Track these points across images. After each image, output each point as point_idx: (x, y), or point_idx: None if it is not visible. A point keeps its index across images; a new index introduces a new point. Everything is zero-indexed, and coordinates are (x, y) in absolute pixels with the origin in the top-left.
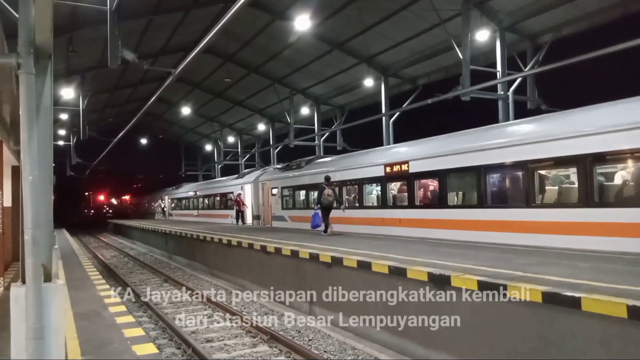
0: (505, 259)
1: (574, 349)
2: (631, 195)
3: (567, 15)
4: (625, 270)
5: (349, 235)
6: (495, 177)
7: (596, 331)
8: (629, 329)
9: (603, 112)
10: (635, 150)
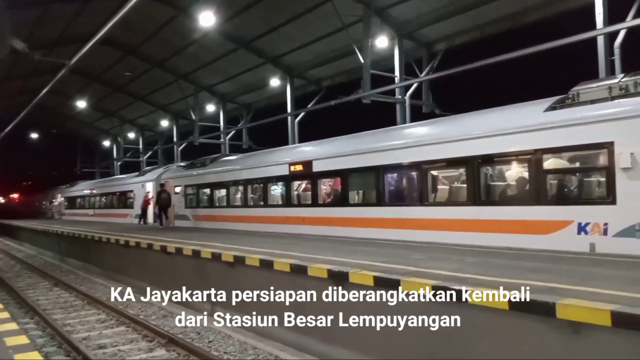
0: (401, 255)
1: (461, 340)
2: (514, 194)
3: (460, 26)
4: (508, 264)
5: (254, 233)
6: (392, 176)
7: (481, 322)
8: (511, 320)
9: (490, 117)
10: (518, 153)
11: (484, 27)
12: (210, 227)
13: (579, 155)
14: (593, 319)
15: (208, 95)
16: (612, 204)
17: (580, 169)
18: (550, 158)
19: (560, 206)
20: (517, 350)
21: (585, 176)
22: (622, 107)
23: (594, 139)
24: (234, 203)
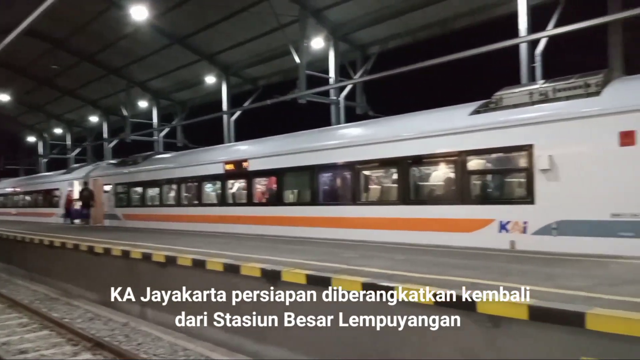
0: (334, 253)
1: (392, 336)
2: (441, 194)
3: (393, 30)
4: (435, 261)
5: (188, 233)
6: (327, 176)
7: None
8: (436, 315)
9: (420, 119)
10: (445, 154)
11: (416, 32)
12: (142, 226)
13: (501, 157)
14: (511, 313)
15: (141, 91)
16: (531, 203)
17: (502, 170)
18: (474, 159)
19: (483, 205)
20: (443, 345)
21: (506, 177)
22: (541, 111)
23: (515, 141)
24: (168, 202)
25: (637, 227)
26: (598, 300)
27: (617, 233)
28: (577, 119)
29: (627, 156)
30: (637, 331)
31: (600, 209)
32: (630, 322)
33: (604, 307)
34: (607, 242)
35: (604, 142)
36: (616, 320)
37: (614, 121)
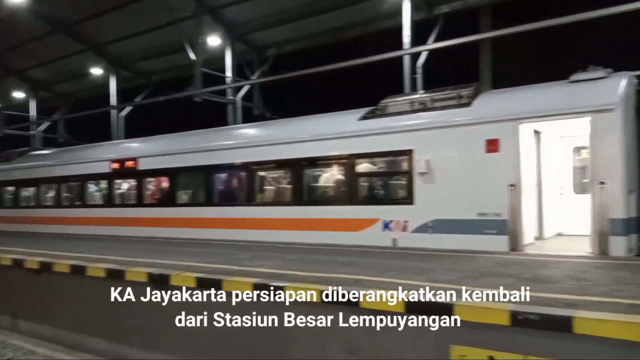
0: (227, 255)
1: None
2: (332, 195)
3: (288, 34)
4: (324, 260)
5: (68, 236)
6: (222, 176)
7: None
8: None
9: (314, 122)
10: (336, 157)
11: (310, 38)
12: (15, 230)
13: (386, 160)
14: (389, 306)
15: (17, 81)
16: (411, 204)
17: (386, 173)
18: (362, 162)
19: (369, 206)
20: (331, 340)
21: (390, 179)
22: (420, 119)
23: (398, 146)
24: (45, 203)
25: (499, 225)
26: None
27: (482, 230)
28: (451, 127)
29: (492, 162)
30: (496, 319)
31: (468, 209)
32: (491, 312)
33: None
34: (475, 239)
35: (473, 149)
36: (479, 310)
37: (481, 130)
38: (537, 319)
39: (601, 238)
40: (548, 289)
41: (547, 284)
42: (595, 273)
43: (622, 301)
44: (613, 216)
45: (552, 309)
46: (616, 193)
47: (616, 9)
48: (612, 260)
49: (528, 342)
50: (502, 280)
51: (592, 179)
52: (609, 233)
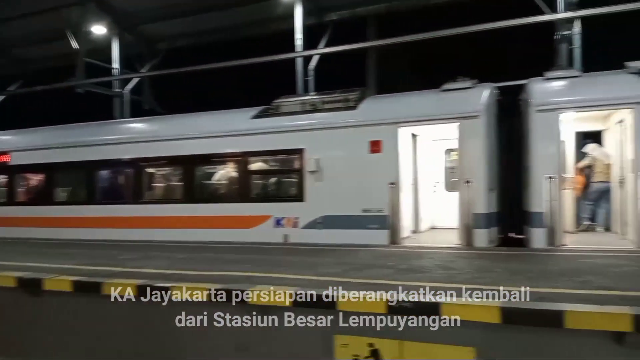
0: (111, 256)
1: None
2: (225, 192)
3: (181, 29)
4: (215, 258)
5: None
6: (107, 173)
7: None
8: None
9: (208, 119)
10: (229, 155)
11: (204, 34)
12: None
13: (277, 159)
14: (277, 301)
15: None
16: (302, 201)
17: (278, 171)
18: (254, 160)
19: (262, 203)
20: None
21: (282, 177)
22: (311, 120)
23: (290, 145)
24: None
25: (381, 220)
26: (347, 284)
27: (366, 225)
28: (338, 129)
29: (375, 161)
30: (374, 308)
31: (354, 205)
32: (367, 303)
33: (351, 290)
34: (360, 233)
35: (358, 149)
36: (359, 301)
37: (366, 132)
38: (411, 306)
39: (467, 231)
40: (420, 278)
41: (420, 273)
42: (461, 262)
43: (480, 287)
44: (477, 211)
45: (424, 295)
46: (479, 191)
47: (480, 26)
48: (476, 250)
49: (404, 328)
50: (382, 271)
51: (460, 178)
52: (473, 226)
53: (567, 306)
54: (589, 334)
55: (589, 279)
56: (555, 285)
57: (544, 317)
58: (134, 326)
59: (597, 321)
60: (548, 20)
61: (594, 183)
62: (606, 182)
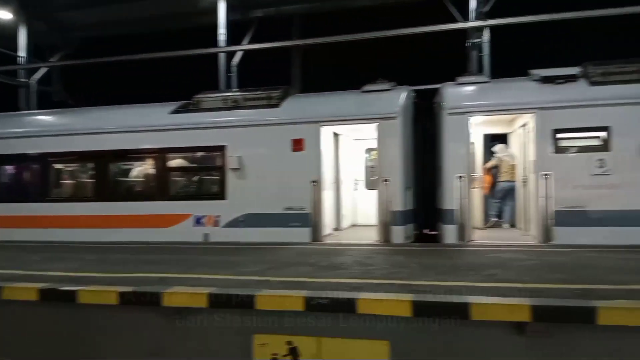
0: (13, 258)
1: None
2: (141, 190)
3: (98, 18)
4: (128, 259)
5: None
6: (9, 168)
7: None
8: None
9: (124, 113)
10: (146, 151)
11: (123, 25)
12: None
13: (198, 156)
14: (193, 302)
15: None
16: (223, 199)
17: (199, 168)
18: (173, 157)
19: (181, 201)
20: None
21: (202, 175)
22: (233, 116)
23: (210, 142)
24: None
25: (303, 218)
26: (266, 283)
27: (288, 223)
28: (261, 126)
29: (297, 160)
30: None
31: (277, 203)
32: (287, 299)
33: (270, 289)
34: (282, 232)
35: (281, 147)
36: (277, 298)
37: (288, 130)
38: (328, 302)
39: (385, 228)
40: (340, 275)
41: (339, 270)
42: (379, 258)
43: (396, 282)
44: (394, 209)
45: (340, 292)
46: (396, 189)
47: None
48: (393, 247)
49: (321, 325)
50: (302, 269)
51: (379, 177)
52: (391, 223)
53: (473, 299)
54: (493, 325)
55: (494, 272)
56: (463, 279)
57: (452, 310)
58: (42, 330)
59: (500, 312)
60: (460, 28)
61: (500, 182)
62: (511, 181)
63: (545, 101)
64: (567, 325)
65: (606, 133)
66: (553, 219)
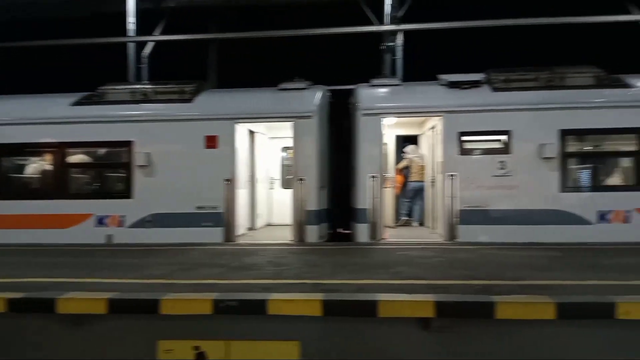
0: None
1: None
2: (37, 188)
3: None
4: (20, 262)
5: None
6: None
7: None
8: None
9: (15, 104)
10: (43, 145)
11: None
12: None
13: (102, 151)
14: (92, 308)
15: None
16: (129, 197)
17: (102, 165)
18: (73, 152)
19: (81, 200)
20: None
21: (106, 171)
22: (141, 110)
23: (116, 137)
24: None
25: (215, 217)
26: (172, 286)
27: (200, 223)
28: (172, 121)
29: (211, 157)
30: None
31: (188, 202)
32: (194, 303)
33: (176, 292)
34: (193, 232)
35: (193, 144)
36: (183, 302)
37: (201, 126)
38: (237, 304)
39: (299, 227)
40: (251, 275)
41: (251, 270)
42: (292, 258)
43: (307, 281)
44: (308, 208)
45: (250, 294)
46: (311, 188)
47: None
48: (307, 246)
49: (230, 328)
50: (213, 270)
51: (295, 176)
52: (305, 223)
53: (381, 296)
54: (400, 321)
55: (402, 269)
56: (373, 277)
57: (361, 308)
58: None
59: (406, 309)
60: (374, 31)
61: (410, 182)
62: (421, 181)
63: (451, 105)
64: (469, 320)
65: (507, 136)
66: (458, 218)
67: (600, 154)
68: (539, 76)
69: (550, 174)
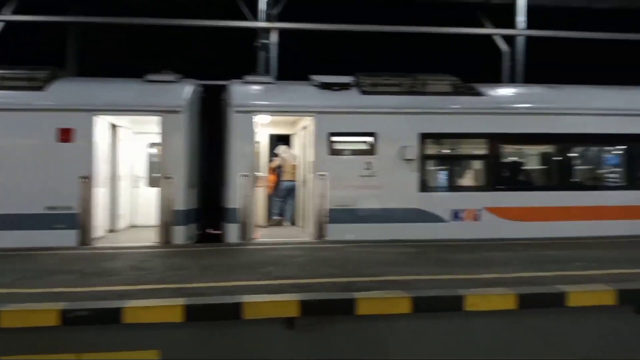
0: None
1: None
2: None
3: None
4: None
5: None
6: None
7: None
8: None
9: None
10: None
11: None
12: None
13: None
14: None
15: None
16: None
17: None
18: None
19: None
20: None
21: None
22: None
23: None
24: None
25: (69, 219)
26: (14, 295)
27: (51, 225)
28: (18, 111)
29: (64, 152)
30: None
31: (35, 202)
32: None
33: (17, 302)
34: (42, 235)
35: (43, 137)
36: (25, 314)
37: (54, 117)
38: (88, 314)
39: (166, 228)
40: (108, 282)
41: (108, 276)
42: (156, 261)
43: (170, 286)
44: (176, 208)
45: (102, 302)
46: (179, 187)
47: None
48: (174, 248)
49: (81, 340)
50: (64, 278)
51: (162, 174)
52: (172, 223)
53: (245, 298)
54: (266, 322)
55: (271, 269)
56: (240, 278)
57: (225, 311)
58: None
59: (271, 309)
60: (247, 27)
61: (283, 181)
62: (293, 181)
63: (322, 106)
64: (332, 317)
65: (373, 138)
66: (327, 217)
67: (455, 156)
68: (403, 82)
69: (411, 174)
